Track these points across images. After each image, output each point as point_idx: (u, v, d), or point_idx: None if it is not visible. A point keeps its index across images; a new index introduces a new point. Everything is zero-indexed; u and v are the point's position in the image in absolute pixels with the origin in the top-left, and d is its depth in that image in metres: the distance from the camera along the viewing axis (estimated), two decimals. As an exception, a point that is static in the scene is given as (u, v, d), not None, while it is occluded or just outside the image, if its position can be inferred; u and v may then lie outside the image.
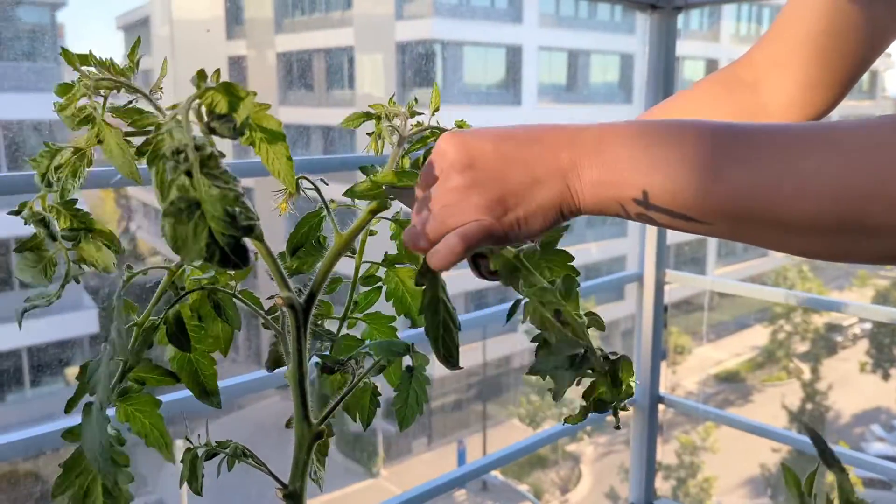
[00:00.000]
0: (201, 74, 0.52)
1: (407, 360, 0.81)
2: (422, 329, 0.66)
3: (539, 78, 13.97)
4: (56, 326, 6.78)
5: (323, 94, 11.57)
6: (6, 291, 6.56)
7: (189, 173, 0.45)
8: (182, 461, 0.70)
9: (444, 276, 0.65)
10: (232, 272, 0.68)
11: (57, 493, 0.59)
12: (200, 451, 0.71)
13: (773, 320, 15.23)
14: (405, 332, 0.97)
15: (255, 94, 0.56)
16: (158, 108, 0.61)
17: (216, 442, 0.72)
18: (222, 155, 0.47)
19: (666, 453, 12.15)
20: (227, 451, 0.72)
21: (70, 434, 0.62)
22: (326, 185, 0.73)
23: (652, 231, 1.85)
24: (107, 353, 0.56)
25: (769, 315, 15.24)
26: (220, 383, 0.94)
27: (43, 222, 0.57)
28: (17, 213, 0.58)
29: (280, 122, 0.63)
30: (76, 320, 6.89)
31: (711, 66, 15.99)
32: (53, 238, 0.56)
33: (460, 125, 0.73)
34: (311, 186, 0.71)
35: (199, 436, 0.72)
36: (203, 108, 0.52)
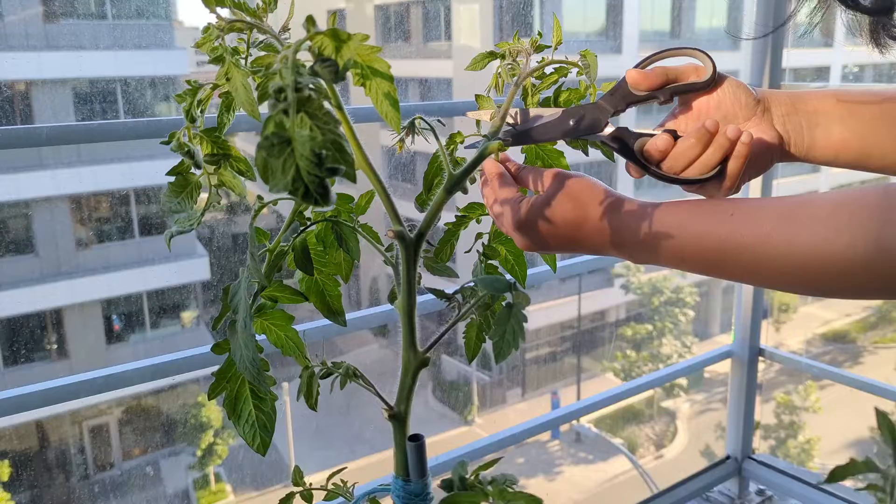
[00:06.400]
0: (310, 20, 0.55)
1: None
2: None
3: (641, 24, 13.45)
4: (172, 273, 7.20)
5: (420, 47, 11.56)
6: (127, 239, 7.01)
7: (286, 112, 0.48)
8: (300, 377, 0.76)
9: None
10: (353, 205, 0.74)
11: (212, 395, 0.68)
12: (317, 370, 0.78)
13: (888, 279, 14.30)
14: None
15: (366, 36, 0.60)
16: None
17: (331, 363, 0.78)
18: (325, 97, 0.50)
19: (764, 413, 11.79)
20: (340, 371, 0.79)
21: (218, 347, 0.71)
22: (443, 125, 0.76)
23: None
24: (245, 277, 0.63)
25: (885, 273, 14.31)
26: (323, 323, 1.02)
27: (188, 152, 0.64)
28: (167, 142, 0.65)
29: (389, 64, 0.65)
30: (190, 267, 7.29)
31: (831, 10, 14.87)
32: (198, 166, 0.63)
33: (585, 55, 0.74)
34: (427, 126, 0.74)
35: (316, 355, 0.79)
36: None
